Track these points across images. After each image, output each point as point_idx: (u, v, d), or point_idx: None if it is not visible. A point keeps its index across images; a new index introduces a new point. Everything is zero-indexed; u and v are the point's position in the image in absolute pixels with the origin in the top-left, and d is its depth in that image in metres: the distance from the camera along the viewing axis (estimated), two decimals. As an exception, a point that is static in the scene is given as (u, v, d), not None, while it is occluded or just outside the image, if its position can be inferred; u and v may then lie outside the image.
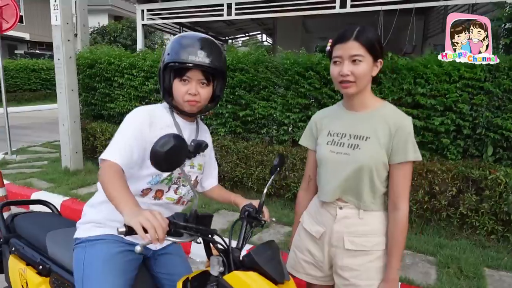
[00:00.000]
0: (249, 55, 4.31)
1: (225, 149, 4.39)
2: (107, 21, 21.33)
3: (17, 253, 1.51)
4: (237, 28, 10.66)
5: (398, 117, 1.38)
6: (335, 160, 1.42)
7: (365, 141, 1.37)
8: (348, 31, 1.34)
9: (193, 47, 1.36)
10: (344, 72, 1.32)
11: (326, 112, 1.59)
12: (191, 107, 1.41)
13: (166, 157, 0.97)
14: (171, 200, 1.48)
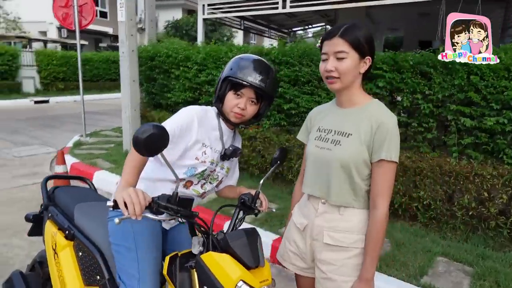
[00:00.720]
0: (295, 48, 4.32)
1: (268, 140, 4.49)
2: (181, 15, 22.44)
3: (52, 219, 1.79)
4: (299, 20, 10.59)
5: (381, 114, 1.37)
6: (318, 155, 1.45)
7: (347, 138, 1.39)
8: (335, 28, 1.36)
9: (255, 70, 1.52)
10: (328, 67, 1.35)
11: (321, 108, 1.62)
12: (235, 119, 1.57)
13: (145, 143, 1.09)
14: (196, 192, 1.64)
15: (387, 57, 3.71)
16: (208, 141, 1.57)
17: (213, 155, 1.59)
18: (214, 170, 1.64)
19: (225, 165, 1.69)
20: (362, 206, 1.43)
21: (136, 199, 1.14)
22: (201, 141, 1.54)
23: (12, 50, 13.77)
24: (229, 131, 1.67)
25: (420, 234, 3.39)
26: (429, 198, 3.42)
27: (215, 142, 1.60)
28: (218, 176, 1.68)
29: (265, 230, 3.32)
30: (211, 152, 1.58)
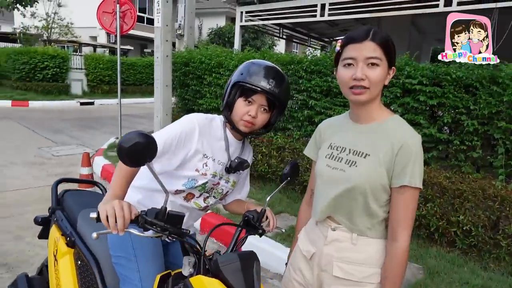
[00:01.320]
0: (328, 57, 4.15)
1: (297, 152, 4.33)
2: (224, 22, 22.82)
3: (57, 223, 1.75)
4: (340, 29, 10.33)
5: (404, 132, 1.19)
6: (330, 176, 1.28)
7: (364, 158, 1.22)
8: (363, 30, 1.18)
9: (267, 75, 1.41)
10: (358, 75, 1.16)
11: (332, 122, 1.45)
12: (245, 128, 1.45)
13: (129, 152, 1.00)
14: (198, 206, 1.54)
15: (427, 69, 3.45)
16: (210, 152, 1.46)
17: (216, 168, 1.48)
18: (218, 184, 1.53)
19: (231, 178, 1.57)
20: (378, 236, 1.25)
21: (120, 212, 1.06)
22: (202, 152, 1.44)
23: (63, 53, 14.59)
24: (237, 141, 1.56)
25: (457, 262, 3.07)
26: (469, 224, 3.10)
27: (219, 154, 1.49)
28: (223, 190, 1.57)
29: (286, 246, 3.15)
30: (214, 164, 1.48)
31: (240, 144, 1.58)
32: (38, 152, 6.26)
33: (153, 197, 1.48)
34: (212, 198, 1.56)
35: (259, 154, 4.60)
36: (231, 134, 1.53)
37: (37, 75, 13.86)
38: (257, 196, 4.36)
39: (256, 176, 4.82)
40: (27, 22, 17.42)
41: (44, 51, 13.96)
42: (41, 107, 12.09)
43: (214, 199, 1.57)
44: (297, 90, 4.40)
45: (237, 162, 1.48)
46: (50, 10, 17.54)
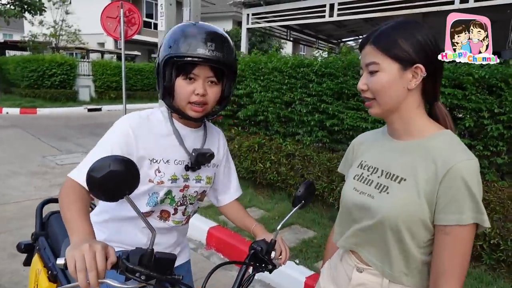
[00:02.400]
0: (339, 59, 3.93)
1: (308, 159, 4.11)
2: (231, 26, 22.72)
3: (39, 252, 1.55)
4: (348, 30, 10.08)
5: (452, 153, 0.91)
6: (356, 202, 1.05)
7: (398, 184, 0.97)
8: (371, 32, 1.00)
9: (202, 38, 1.13)
10: (359, 86, 1.01)
11: (367, 136, 1.22)
12: (196, 112, 1.19)
13: (101, 184, 0.81)
14: (178, 223, 1.32)
15: (446, 69, 3.21)
16: (158, 155, 1.20)
17: (174, 170, 1.23)
18: (187, 187, 1.27)
19: (202, 175, 1.31)
20: (416, 284, 0.99)
21: (92, 263, 0.79)
22: (147, 158, 1.18)
23: (71, 60, 14.61)
24: (194, 131, 1.30)
25: (486, 280, 2.82)
26: (497, 237, 2.85)
27: (172, 152, 1.23)
28: (197, 191, 1.31)
29: (298, 264, 2.93)
30: (168, 166, 1.22)
31: (199, 132, 1.32)
32: (42, 161, 6.14)
33: (123, 229, 1.26)
34: (190, 206, 1.32)
35: (268, 161, 4.40)
36: (182, 124, 1.27)
37: (45, 82, 13.88)
38: (266, 206, 4.15)
39: (265, 184, 4.61)
40: (36, 30, 17.51)
41: (52, 58, 13.99)
42: (48, 114, 12.06)
43: (193, 206, 1.34)
44: (307, 94, 4.19)
45: (195, 156, 1.22)
46: (58, 17, 17.61)
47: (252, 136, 4.77)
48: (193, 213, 1.38)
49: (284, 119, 4.53)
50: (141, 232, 1.27)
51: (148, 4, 21.64)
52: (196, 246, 3.44)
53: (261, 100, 4.59)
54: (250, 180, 4.74)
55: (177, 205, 1.27)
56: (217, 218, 3.74)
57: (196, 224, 3.62)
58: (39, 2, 15.51)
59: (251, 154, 4.56)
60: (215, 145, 1.39)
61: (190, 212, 1.34)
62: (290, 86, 4.35)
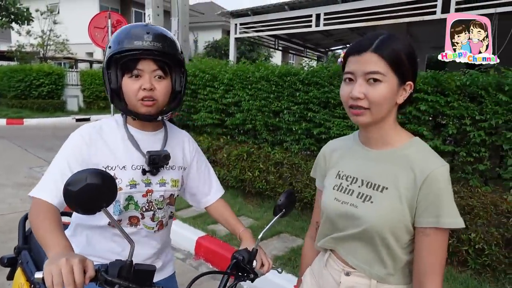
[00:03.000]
0: (325, 68, 3.99)
1: (296, 167, 4.13)
2: (221, 35, 22.82)
3: (22, 266, 1.54)
4: (335, 39, 10.24)
5: (427, 161, 0.97)
6: (339, 212, 1.07)
7: (381, 193, 1.00)
8: (366, 39, 0.98)
9: (139, 31, 1.14)
10: (354, 94, 0.96)
11: (338, 144, 1.22)
12: (147, 108, 1.17)
13: (78, 197, 0.81)
14: (150, 229, 1.28)
15: (429, 77, 3.29)
16: (113, 161, 1.20)
17: (131, 175, 1.21)
18: (151, 191, 1.25)
19: (166, 177, 1.28)
20: (401, 282, 1.04)
21: (69, 276, 0.79)
22: (101, 165, 1.18)
23: (58, 70, 14.50)
24: (151, 134, 1.28)
25: (471, 284, 2.86)
26: (482, 242, 2.89)
27: (128, 157, 1.22)
28: (163, 196, 1.28)
29: (287, 272, 2.93)
30: (125, 172, 1.20)
31: (158, 135, 1.31)
32: (28, 172, 6.06)
33: (94, 240, 1.24)
34: (159, 211, 1.28)
35: (257, 170, 4.41)
36: (138, 128, 1.26)
37: (32, 93, 13.74)
38: (255, 215, 4.15)
39: (254, 193, 4.61)
40: (23, 40, 17.37)
41: (40, 68, 13.87)
42: (36, 125, 11.92)
43: (161, 210, 1.29)
44: (294, 102, 4.23)
45: (149, 157, 1.20)
46: (46, 27, 17.51)
47: (241, 145, 4.78)
48: (166, 219, 1.34)
49: (272, 127, 4.56)
50: (113, 241, 1.25)
51: (137, 14, 21.67)
52: (185, 256, 3.42)
53: (249, 109, 4.62)
54: (239, 189, 4.74)
55: (142, 210, 1.25)
56: (205, 227, 3.73)
57: (184, 234, 3.60)
58: (27, 12, 15.43)
59: (239, 163, 4.57)
60: (179, 147, 1.36)
61: (160, 217, 1.30)
62: (277, 94, 4.39)
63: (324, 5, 5.96)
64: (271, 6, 6.75)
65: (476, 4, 4.35)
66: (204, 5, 27.10)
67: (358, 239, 1.04)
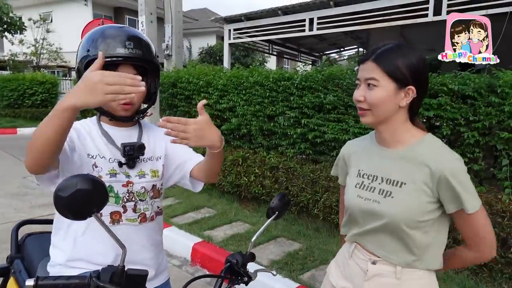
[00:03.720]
0: (319, 72, 4.01)
1: (291, 171, 4.13)
2: (215, 41, 22.89)
3: (15, 276, 1.51)
4: (329, 43, 10.31)
5: (441, 158, 1.10)
6: (363, 208, 1.18)
7: (399, 188, 1.12)
8: (372, 50, 1.14)
9: (120, 38, 1.16)
10: (355, 96, 1.15)
11: (355, 145, 1.34)
12: (125, 112, 1.21)
13: (68, 203, 0.81)
14: (132, 221, 1.25)
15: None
16: (94, 150, 1.22)
17: (111, 165, 1.23)
18: (131, 183, 1.25)
19: (145, 169, 1.29)
20: (425, 266, 1.13)
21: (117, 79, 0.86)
22: (85, 152, 1.20)
23: (52, 79, 14.45)
24: (125, 129, 1.30)
25: (468, 284, 2.86)
26: (477, 242, 2.90)
27: (107, 151, 1.24)
28: (145, 187, 1.27)
29: (284, 276, 2.92)
30: (105, 162, 1.22)
31: (132, 130, 1.32)
32: (22, 182, 6.00)
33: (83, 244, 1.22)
34: (140, 203, 1.27)
35: (252, 175, 4.40)
36: (111, 125, 1.29)
37: (25, 102, 13.67)
38: (252, 220, 4.14)
39: (250, 198, 4.60)
40: (16, 49, 17.33)
41: (33, 77, 13.82)
42: (29, 134, 11.71)
43: (143, 202, 1.28)
44: (289, 107, 4.24)
45: (123, 148, 1.21)
46: (39, 36, 17.48)
47: (236, 150, 4.78)
48: (151, 212, 1.31)
49: (267, 132, 4.56)
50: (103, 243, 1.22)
51: (130, 21, 21.68)
52: (181, 263, 3.40)
53: (244, 114, 4.62)
54: (235, 194, 4.73)
55: (123, 201, 1.23)
56: (201, 233, 3.71)
57: (180, 240, 3.58)
58: (19, 21, 15.39)
59: (235, 168, 4.56)
60: (155, 138, 1.36)
61: (142, 209, 1.28)
62: (272, 99, 4.40)
63: (317, 9, 6.00)
64: (264, 11, 6.78)
65: (468, 6, 4.40)
66: (198, 12, 27.19)
67: (383, 232, 1.14)
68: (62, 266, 1.24)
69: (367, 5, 5.50)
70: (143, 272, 0.93)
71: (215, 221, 4.07)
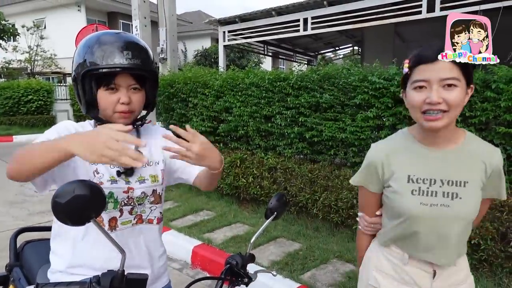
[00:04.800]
0: (315, 72, 4.01)
1: (290, 171, 4.13)
2: (210, 43, 22.89)
3: (13, 284, 1.50)
4: (325, 42, 10.33)
5: (489, 152, 1.19)
6: (432, 215, 1.15)
7: (464, 188, 1.14)
8: (435, 47, 1.09)
9: (118, 47, 1.13)
10: (433, 99, 1.05)
11: (393, 148, 1.25)
12: (124, 120, 1.19)
13: (66, 209, 0.80)
14: (127, 223, 1.23)
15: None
16: None
17: (111, 172, 1.21)
18: (132, 189, 1.23)
19: (145, 174, 1.27)
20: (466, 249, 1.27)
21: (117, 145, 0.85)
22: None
23: (47, 85, 14.41)
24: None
25: (469, 280, 2.86)
26: (477, 237, 2.91)
27: None
28: (145, 192, 1.26)
29: (284, 277, 2.91)
30: (106, 168, 1.20)
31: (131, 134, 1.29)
32: (19, 190, 5.97)
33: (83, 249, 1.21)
34: (139, 206, 1.26)
35: (250, 176, 4.40)
36: None
37: (21, 109, 13.65)
38: (251, 221, 4.13)
39: (249, 199, 4.60)
40: (10, 56, 17.25)
41: (27, 84, 13.77)
42: (26, 142, 11.76)
43: (142, 206, 1.27)
44: (286, 107, 4.24)
45: None
46: (32, 43, 17.41)
47: (234, 152, 4.77)
48: (147, 215, 1.29)
49: (264, 133, 4.56)
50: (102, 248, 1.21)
51: (124, 26, 21.65)
52: (182, 266, 3.39)
53: (240, 115, 4.62)
54: (234, 196, 4.72)
55: (121, 205, 1.22)
56: (201, 236, 3.70)
57: (180, 243, 3.57)
58: (13, 28, 15.33)
59: (233, 170, 4.56)
60: (154, 142, 1.33)
61: (139, 211, 1.27)
62: (268, 100, 4.40)
63: (311, 9, 6.01)
64: (258, 12, 6.79)
65: (460, 3, 4.42)
66: (192, 14, 27.18)
67: (453, 234, 1.15)
68: (63, 273, 1.23)
69: (361, 4, 5.51)
70: (143, 276, 0.92)
71: (214, 223, 4.06)
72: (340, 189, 3.63)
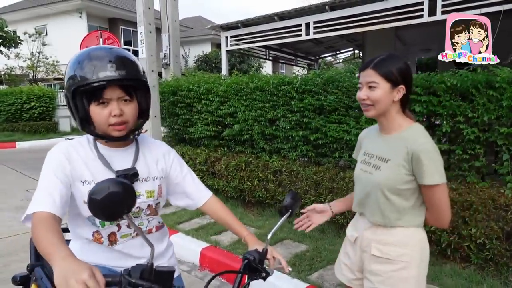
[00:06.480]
0: (318, 76, 4.07)
1: (295, 174, 4.17)
2: (210, 49, 23.01)
3: (36, 283, 1.55)
4: (325, 46, 10.40)
5: (415, 139, 1.43)
6: (362, 178, 1.58)
7: (385, 163, 1.48)
8: (370, 60, 1.47)
9: (102, 61, 1.15)
10: (360, 96, 1.49)
11: (368, 132, 1.72)
12: (119, 132, 1.20)
13: (102, 205, 0.85)
14: (127, 236, 1.29)
15: (421, 79, 3.37)
16: (90, 176, 1.23)
17: None
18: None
19: (140, 190, 1.29)
20: (408, 224, 1.48)
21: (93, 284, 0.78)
22: (79, 179, 1.21)
23: (49, 91, 14.49)
24: (121, 150, 1.31)
25: (475, 279, 2.90)
26: (482, 236, 2.95)
27: (102, 176, 1.23)
28: (140, 207, 1.29)
29: (292, 277, 2.94)
30: None
31: (129, 150, 1.33)
32: (25, 195, 6.01)
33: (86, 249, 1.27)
34: (136, 219, 1.30)
35: (256, 179, 4.44)
36: (108, 146, 1.29)
37: (23, 115, 13.72)
38: (257, 224, 4.17)
39: (254, 202, 4.64)
40: (12, 63, 17.36)
41: (30, 90, 13.85)
42: (28, 148, 11.83)
43: (139, 219, 1.31)
44: (290, 111, 4.29)
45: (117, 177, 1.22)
46: (35, 49, 17.52)
47: (239, 155, 4.82)
48: (146, 226, 1.34)
49: (269, 136, 4.61)
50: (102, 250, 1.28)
51: (125, 32, 21.79)
52: (190, 268, 3.42)
53: (245, 119, 4.67)
54: (239, 199, 4.76)
55: (118, 220, 1.26)
56: (208, 238, 3.74)
57: (188, 246, 3.60)
58: (14, 35, 15.44)
59: (238, 173, 4.60)
60: (153, 157, 1.37)
61: (137, 224, 1.31)
62: (273, 104, 4.45)
63: (313, 14, 6.08)
64: (261, 17, 6.86)
65: (462, 6, 4.48)
66: (192, 20, 27.36)
67: (373, 197, 1.49)
68: None
69: (362, 8, 5.58)
70: (171, 268, 0.97)
71: (220, 226, 4.06)
72: (345, 191, 3.67)
